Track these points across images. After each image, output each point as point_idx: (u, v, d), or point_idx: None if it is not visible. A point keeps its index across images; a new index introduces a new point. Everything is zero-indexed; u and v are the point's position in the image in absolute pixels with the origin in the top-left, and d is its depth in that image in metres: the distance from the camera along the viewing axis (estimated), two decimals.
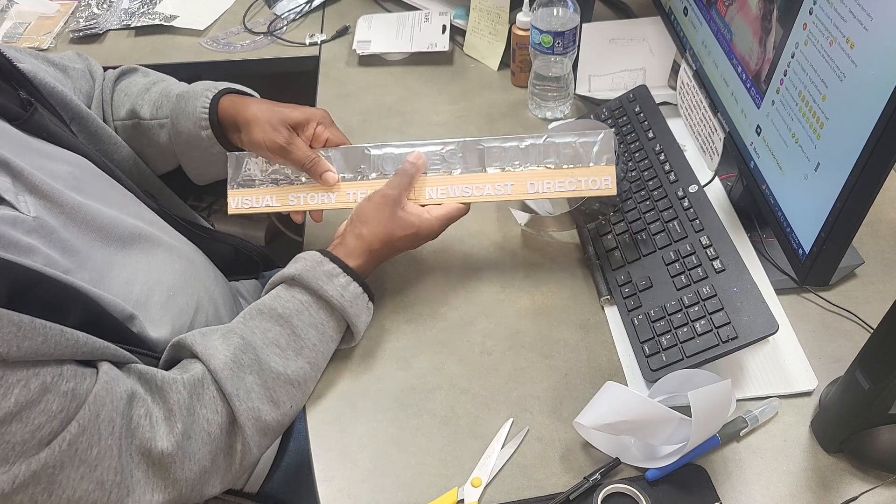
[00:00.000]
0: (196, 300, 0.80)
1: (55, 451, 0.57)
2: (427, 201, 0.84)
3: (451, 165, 0.84)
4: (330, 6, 1.41)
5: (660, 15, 1.11)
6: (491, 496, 0.70)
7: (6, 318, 0.53)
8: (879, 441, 0.67)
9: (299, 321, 0.74)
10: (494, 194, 0.83)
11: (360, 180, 0.86)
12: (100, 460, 0.59)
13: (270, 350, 0.72)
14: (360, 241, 0.80)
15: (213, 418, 0.67)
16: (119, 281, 0.71)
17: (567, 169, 0.81)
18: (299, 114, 0.85)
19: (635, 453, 0.71)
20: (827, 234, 0.68)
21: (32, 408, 0.56)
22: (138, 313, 0.70)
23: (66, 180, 0.71)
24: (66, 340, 0.58)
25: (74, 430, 0.58)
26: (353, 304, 0.77)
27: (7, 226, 0.61)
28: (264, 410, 0.70)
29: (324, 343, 0.77)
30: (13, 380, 0.54)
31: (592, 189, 0.81)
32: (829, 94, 0.66)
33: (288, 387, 0.72)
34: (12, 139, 0.70)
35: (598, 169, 0.81)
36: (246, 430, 0.68)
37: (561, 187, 0.81)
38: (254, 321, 0.73)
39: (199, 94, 0.88)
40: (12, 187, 0.65)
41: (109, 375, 0.62)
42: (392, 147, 0.86)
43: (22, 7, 1.43)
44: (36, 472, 0.56)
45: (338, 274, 0.77)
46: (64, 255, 0.65)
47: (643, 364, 0.77)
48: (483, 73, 1.23)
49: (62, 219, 0.68)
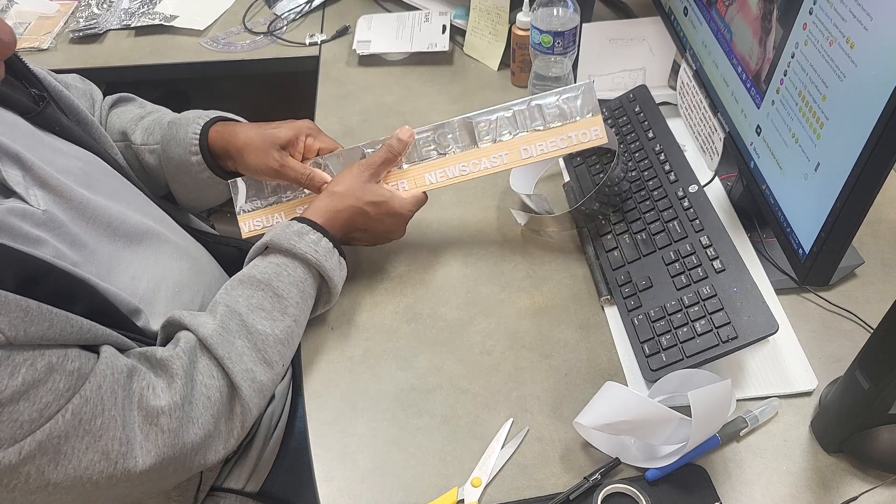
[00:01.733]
0: (201, 297, 0.81)
1: (59, 422, 0.57)
2: (427, 187, 0.85)
3: (445, 147, 0.85)
4: (330, 6, 1.41)
5: (660, 15, 1.11)
6: (491, 496, 0.70)
7: (14, 303, 0.54)
8: (879, 441, 0.67)
9: (279, 282, 0.75)
10: (491, 167, 0.84)
11: None
12: (104, 430, 0.60)
13: (256, 315, 0.73)
14: (330, 199, 0.82)
15: (211, 383, 0.68)
16: (126, 276, 0.71)
17: (556, 128, 0.82)
18: (287, 131, 0.87)
19: (635, 453, 0.71)
20: (827, 234, 0.68)
21: (39, 387, 0.56)
22: (144, 308, 0.71)
23: (76, 175, 0.73)
24: (71, 327, 0.59)
25: (77, 402, 0.58)
26: (328, 258, 0.78)
27: (17, 218, 0.62)
28: (258, 371, 0.71)
29: (304, 300, 0.78)
30: (20, 359, 0.55)
31: (584, 142, 0.82)
32: (829, 94, 0.66)
33: (278, 346, 0.73)
34: (25, 133, 0.72)
35: (585, 122, 0.82)
36: (243, 392, 0.68)
37: (553, 146, 0.83)
38: (235, 290, 0.74)
39: (190, 120, 0.90)
40: (23, 180, 0.66)
41: (110, 352, 0.63)
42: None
43: (22, 7, 1.43)
44: (41, 442, 0.56)
45: (307, 232, 0.78)
46: (72, 248, 0.66)
47: (643, 364, 0.77)
48: (483, 73, 1.23)
49: (71, 213, 0.68)
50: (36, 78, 0.79)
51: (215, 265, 0.91)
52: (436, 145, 0.85)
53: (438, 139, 0.85)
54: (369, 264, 0.91)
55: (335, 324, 0.85)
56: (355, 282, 0.89)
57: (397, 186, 0.85)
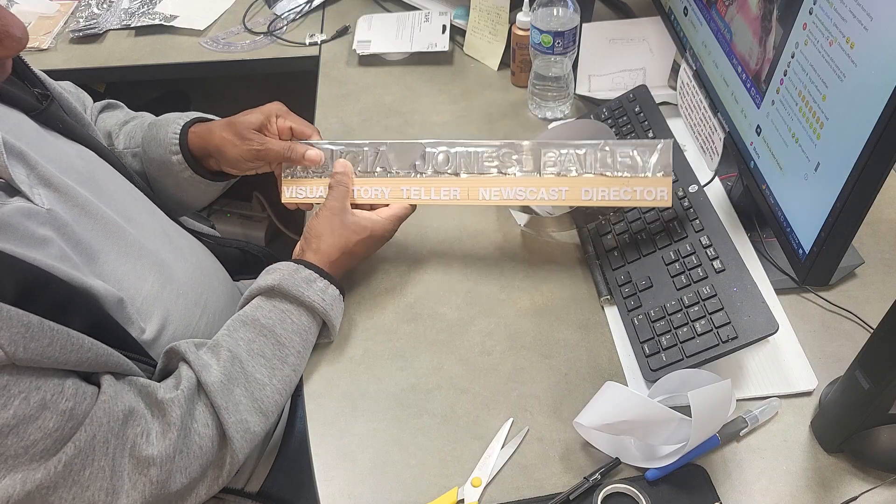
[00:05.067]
0: (204, 300, 0.81)
1: (50, 472, 0.57)
2: (482, 202, 0.83)
3: (507, 167, 0.83)
4: (330, 6, 1.41)
5: (660, 15, 1.11)
6: (491, 496, 0.70)
7: (16, 318, 0.54)
8: (879, 441, 0.67)
9: (283, 330, 0.75)
10: (548, 198, 0.82)
11: (413, 177, 0.85)
12: (91, 481, 0.60)
13: (256, 361, 0.73)
14: (319, 256, 0.80)
15: (205, 432, 0.67)
16: (130, 276, 0.71)
17: (623, 178, 0.80)
18: (258, 115, 0.86)
19: (635, 453, 0.71)
20: (827, 234, 0.68)
21: (30, 423, 0.56)
22: (146, 310, 0.71)
23: (79, 174, 0.73)
24: (72, 344, 0.58)
25: (70, 452, 0.58)
26: (334, 306, 0.79)
27: (23, 217, 0.61)
28: (252, 422, 0.70)
29: (306, 347, 0.78)
30: (15, 391, 0.55)
31: (647, 200, 0.80)
32: (829, 94, 0.66)
33: (275, 395, 0.73)
34: (29, 131, 0.72)
35: (654, 180, 0.80)
36: (234, 443, 0.68)
37: (616, 196, 0.80)
38: (238, 333, 0.74)
39: (170, 121, 0.90)
40: (27, 179, 0.65)
41: (109, 394, 0.62)
42: (444, 146, 0.85)
43: (22, 7, 1.43)
44: (30, 492, 0.56)
45: (315, 279, 0.78)
46: (76, 248, 0.66)
47: (643, 364, 0.77)
48: (483, 73, 1.23)
49: (75, 212, 0.68)
50: (37, 78, 0.79)
51: (219, 266, 0.91)
52: (499, 162, 0.83)
53: (503, 157, 0.83)
54: (369, 264, 0.91)
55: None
56: (355, 282, 0.89)
57: (450, 193, 0.84)
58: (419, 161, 0.85)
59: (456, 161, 0.84)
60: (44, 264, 0.60)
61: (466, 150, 0.84)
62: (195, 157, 0.89)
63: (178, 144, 0.87)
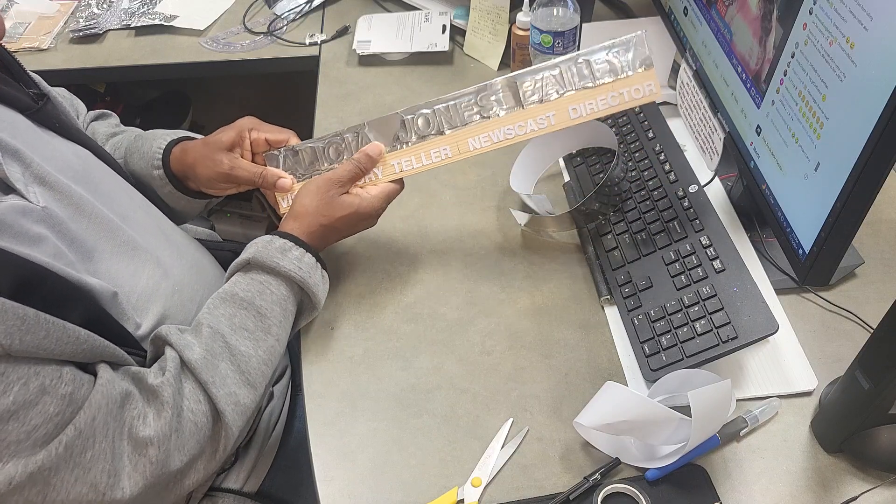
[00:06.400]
0: (200, 295, 0.81)
1: (52, 454, 0.57)
2: (473, 152, 0.82)
3: (488, 109, 0.81)
4: (330, 6, 1.41)
5: (660, 15, 1.11)
6: (491, 496, 0.70)
7: (11, 311, 0.54)
8: (879, 441, 0.67)
9: (262, 301, 0.75)
10: (538, 128, 0.80)
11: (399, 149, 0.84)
12: (93, 463, 0.60)
13: (239, 335, 0.73)
14: (298, 222, 0.80)
15: (198, 408, 0.68)
16: (125, 273, 0.71)
17: (607, 84, 0.78)
18: (230, 133, 0.86)
19: (635, 453, 0.71)
20: (827, 234, 0.68)
21: (30, 408, 0.56)
22: (141, 306, 0.71)
23: (75, 172, 0.73)
24: (68, 336, 0.59)
25: (71, 434, 0.58)
26: (311, 274, 0.78)
27: (18, 215, 0.62)
28: (241, 394, 0.70)
29: (286, 317, 0.77)
30: (13, 377, 0.55)
31: (636, 98, 0.78)
32: (829, 94, 0.66)
33: (261, 366, 0.73)
34: (24, 130, 0.72)
35: (637, 77, 0.77)
36: (227, 416, 0.68)
37: (605, 104, 0.78)
38: (218, 310, 0.74)
39: (157, 136, 0.90)
40: (22, 177, 0.65)
41: (106, 378, 0.63)
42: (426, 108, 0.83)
43: (22, 7, 1.43)
44: (32, 473, 0.56)
45: (290, 248, 0.77)
46: (71, 246, 0.66)
47: (643, 364, 0.77)
48: (483, 73, 1.23)
49: (70, 210, 0.68)
50: (32, 81, 0.79)
51: (215, 263, 0.91)
52: (479, 108, 0.81)
53: (481, 101, 0.81)
54: (369, 264, 0.91)
55: (335, 324, 0.85)
56: (355, 282, 0.89)
57: (440, 153, 0.83)
58: (401, 132, 0.84)
59: (437, 120, 0.83)
60: (39, 261, 0.60)
61: (444, 105, 0.82)
62: (177, 177, 0.89)
63: (160, 160, 0.88)
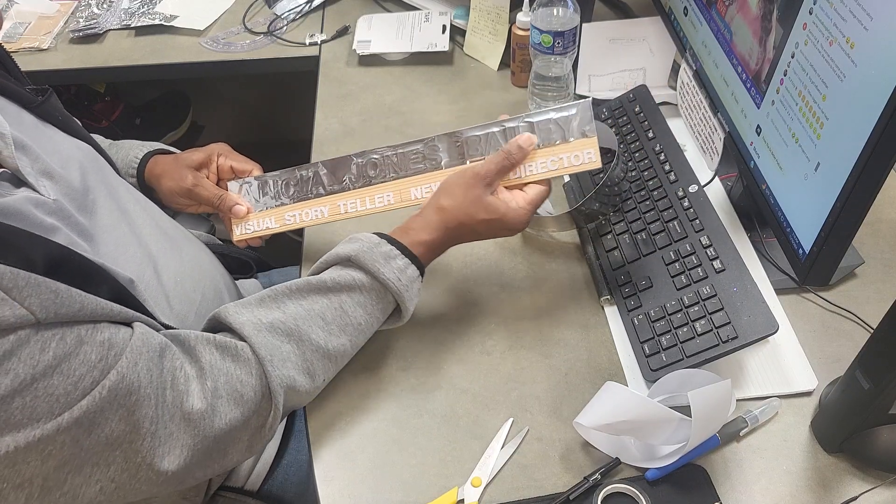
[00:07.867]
0: (202, 288, 0.82)
1: (95, 399, 0.57)
2: (414, 202, 0.83)
3: (433, 161, 0.83)
4: (330, 6, 1.41)
5: (660, 15, 1.11)
6: (491, 496, 0.70)
7: (45, 286, 0.54)
8: (879, 441, 0.67)
9: (349, 298, 0.73)
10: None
11: (346, 192, 0.86)
12: (137, 406, 0.60)
13: (314, 322, 0.71)
14: (440, 215, 0.77)
15: (248, 380, 0.67)
16: (129, 266, 0.72)
17: (548, 147, 0.79)
18: (199, 154, 0.90)
19: (635, 453, 0.71)
20: (827, 234, 0.68)
21: (71, 359, 0.56)
22: (147, 297, 0.71)
23: (80, 165, 0.73)
24: (101, 309, 0.59)
25: (114, 378, 0.58)
26: (409, 287, 0.75)
27: (32, 206, 0.62)
28: (299, 381, 0.70)
29: (369, 324, 0.75)
30: (48, 335, 0.55)
31: (576, 165, 0.78)
32: (829, 94, 0.66)
33: (325, 361, 0.72)
34: (29, 125, 0.73)
35: (578, 143, 0.78)
36: (278, 397, 0.67)
37: (544, 167, 0.79)
38: (301, 291, 0.73)
39: (134, 146, 0.93)
40: (32, 171, 0.66)
41: (143, 329, 0.63)
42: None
43: (22, 7, 1.43)
44: (78, 418, 0.56)
45: (395, 256, 0.74)
46: (80, 238, 0.67)
47: (643, 364, 0.77)
48: (483, 73, 1.23)
49: (76, 204, 0.69)
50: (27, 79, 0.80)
51: (213, 257, 0.92)
52: (424, 159, 0.83)
53: (427, 153, 0.83)
54: None
55: None
56: None
57: (383, 199, 0.84)
58: (351, 175, 0.86)
59: (384, 166, 0.84)
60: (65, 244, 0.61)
61: (393, 153, 0.84)
62: (149, 190, 0.91)
63: (136, 168, 0.90)
